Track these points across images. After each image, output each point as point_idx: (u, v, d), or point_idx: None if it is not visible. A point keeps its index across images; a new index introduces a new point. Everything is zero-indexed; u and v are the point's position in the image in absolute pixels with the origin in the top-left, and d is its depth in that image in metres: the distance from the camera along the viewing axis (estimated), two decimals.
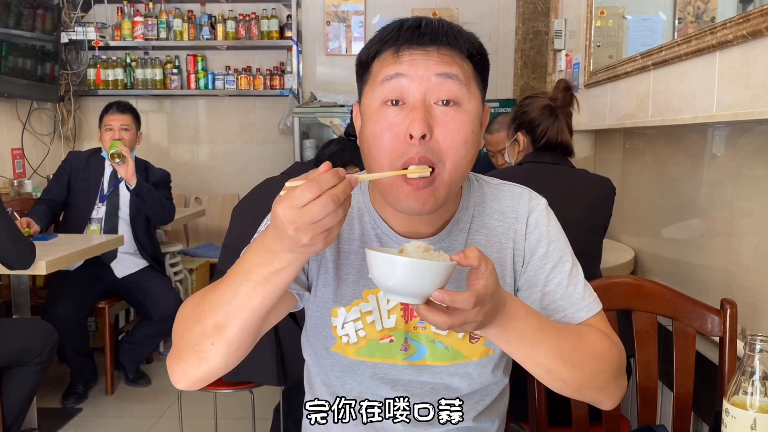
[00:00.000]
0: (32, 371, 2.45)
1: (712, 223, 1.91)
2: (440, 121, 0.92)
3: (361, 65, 1.00)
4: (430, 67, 0.92)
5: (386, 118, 0.93)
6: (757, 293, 1.64)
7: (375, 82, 0.95)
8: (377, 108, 0.94)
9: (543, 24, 4.20)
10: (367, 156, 0.97)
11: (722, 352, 1.33)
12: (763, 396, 0.83)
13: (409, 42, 0.93)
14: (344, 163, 2.38)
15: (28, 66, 3.94)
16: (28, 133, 4.15)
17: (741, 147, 1.75)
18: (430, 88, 0.92)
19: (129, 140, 3.29)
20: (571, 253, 1.08)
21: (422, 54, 0.93)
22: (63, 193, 3.31)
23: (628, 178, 2.62)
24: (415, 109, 0.91)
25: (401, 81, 0.92)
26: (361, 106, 1.00)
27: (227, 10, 4.54)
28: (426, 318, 0.80)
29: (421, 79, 0.92)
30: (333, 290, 1.04)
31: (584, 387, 0.98)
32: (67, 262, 2.70)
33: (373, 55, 0.97)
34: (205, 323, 0.87)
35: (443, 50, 0.93)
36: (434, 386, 1.06)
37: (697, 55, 1.71)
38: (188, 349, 0.89)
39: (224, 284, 0.86)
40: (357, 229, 1.05)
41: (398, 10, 4.60)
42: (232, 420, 2.74)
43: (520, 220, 1.06)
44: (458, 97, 0.93)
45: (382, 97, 0.93)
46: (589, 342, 0.98)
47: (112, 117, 3.31)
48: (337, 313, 1.04)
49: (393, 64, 0.93)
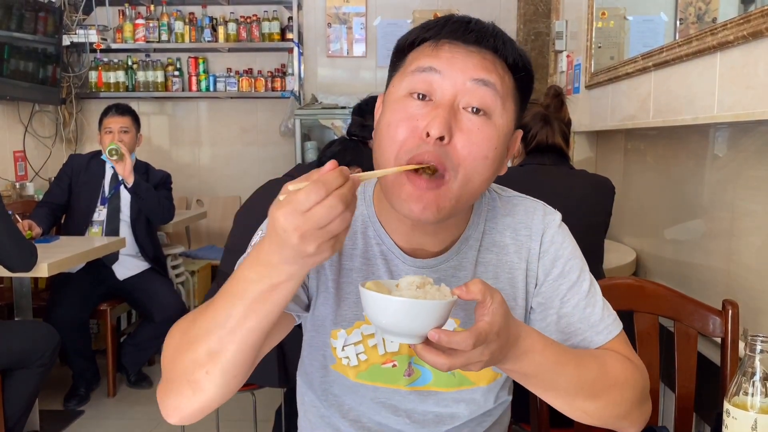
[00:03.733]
0: (34, 373, 2.45)
1: (713, 224, 1.90)
2: (464, 128, 0.84)
3: (397, 52, 0.93)
4: (468, 69, 0.85)
5: (407, 109, 0.86)
6: (758, 294, 1.64)
7: (406, 71, 0.88)
8: (401, 97, 0.87)
9: (544, 25, 4.19)
10: (377, 147, 0.90)
11: (724, 353, 1.33)
12: (764, 397, 0.83)
13: (452, 36, 0.86)
14: (346, 164, 2.37)
15: (30, 68, 3.94)
16: (29, 135, 4.16)
17: (742, 148, 1.75)
18: (462, 91, 0.85)
19: (128, 142, 3.29)
20: (588, 271, 1.01)
21: (463, 53, 0.86)
22: (64, 196, 3.32)
23: (630, 179, 2.62)
24: (439, 107, 0.84)
25: (433, 76, 0.85)
26: (386, 95, 0.92)
27: (228, 12, 4.55)
28: (424, 359, 0.74)
29: (455, 80, 0.85)
30: (333, 310, 0.97)
31: (606, 416, 0.92)
32: (69, 264, 2.70)
33: (410, 43, 0.90)
34: (197, 350, 0.77)
35: (486, 54, 0.86)
36: (438, 415, 1.00)
37: (698, 56, 1.71)
38: (180, 379, 0.80)
39: (216, 305, 0.77)
40: (360, 245, 0.97)
41: (400, 12, 4.60)
42: (234, 422, 2.73)
43: (534, 238, 0.99)
44: (490, 107, 0.86)
45: (409, 88, 0.86)
46: (610, 370, 0.92)
47: (112, 119, 3.30)
48: (337, 335, 0.97)
49: (429, 56, 0.86)
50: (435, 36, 0.87)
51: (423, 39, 0.89)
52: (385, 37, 4.64)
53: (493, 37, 0.88)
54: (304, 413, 1.08)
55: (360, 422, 1.01)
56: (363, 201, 0.99)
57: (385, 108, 0.90)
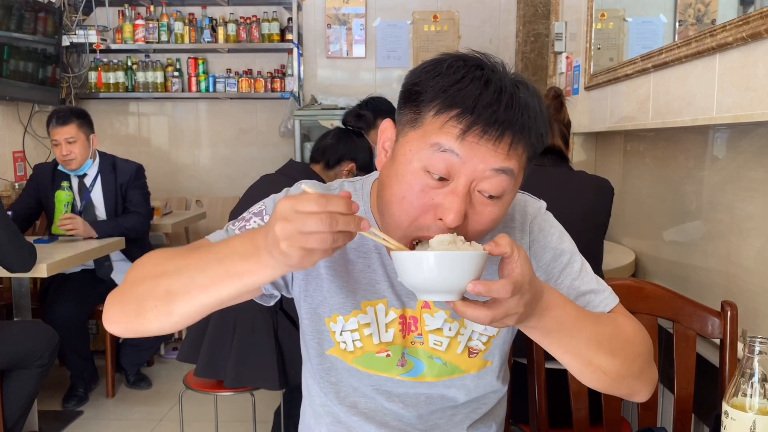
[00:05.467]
0: (33, 374, 2.45)
1: (712, 225, 1.91)
2: (476, 210, 0.86)
3: (411, 97, 0.88)
4: (489, 160, 0.84)
5: (422, 186, 0.85)
6: (757, 295, 1.64)
7: (425, 137, 0.85)
8: (416, 170, 0.85)
9: (544, 26, 4.20)
10: (386, 207, 0.90)
11: (723, 355, 1.33)
12: (762, 398, 0.83)
13: (481, 123, 0.83)
14: (339, 158, 2.36)
15: (30, 69, 3.94)
16: (29, 135, 4.16)
17: (741, 149, 1.75)
18: (480, 178, 0.85)
19: (79, 152, 3.08)
20: (578, 252, 1.05)
21: (488, 145, 0.83)
22: (33, 205, 3.19)
23: (629, 181, 2.62)
24: (456, 195, 0.84)
25: (454, 159, 0.83)
26: (399, 142, 0.90)
27: (228, 13, 4.55)
28: (465, 314, 0.76)
29: (475, 168, 0.84)
30: (328, 297, 1.01)
31: (623, 375, 0.94)
32: (67, 264, 2.70)
33: (430, 101, 0.85)
34: (159, 284, 0.84)
35: (508, 141, 0.84)
36: (429, 396, 1.04)
37: (697, 57, 1.71)
38: (131, 298, 0.87)
39: (196, 255, 0.82)
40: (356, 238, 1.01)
41: (399, 13, 4.60)
42: (233, 423, 2.74)
43: (523, 229, 1.03)
44: (504, 191, 0.87)
45: (427, 165, 0.85)
46: (622, 327, 0.96)
47: (56, 131, 3.06)
48: (336, 320, 1.01)
49: (453, 138, 0.83)
50: (463, 114, 0.83)
51: (446, 107, 0.84)
52: (384, 38, 4.64)
53: (519, 123, 0.84)
54: (309, 403, 1.12)
55: (356, 408, 1.05)
56: (361, 197, 1.02)
57: (398, 167, 0.88)
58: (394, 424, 1.05)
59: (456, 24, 4.59)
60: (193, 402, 2.55)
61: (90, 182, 3.21)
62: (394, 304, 1.01)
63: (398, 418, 1.05)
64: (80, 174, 3.18)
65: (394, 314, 1.01)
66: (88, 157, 3.17)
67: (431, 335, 1.01)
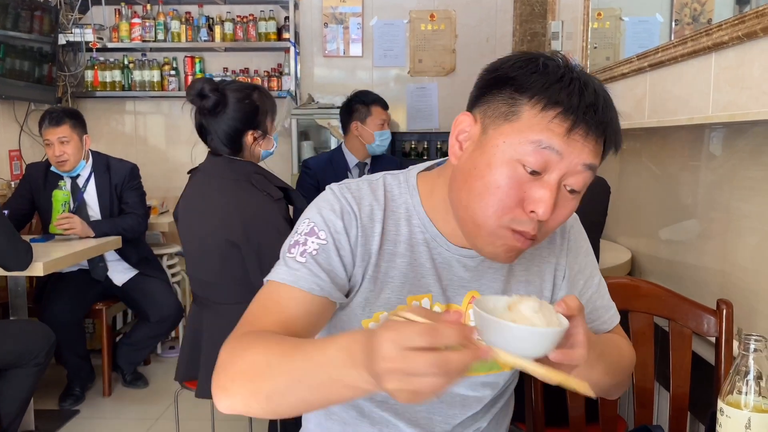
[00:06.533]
0: (29, 373, 2.45)
1: (708, 224, 1.91)
2: (560, 204, 0.89)
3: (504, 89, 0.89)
4: (583, 156, 0.87)
5: (516, 177, 0.87)
6: (753, 294, 1.64)
7: (522, 133, 0.86)
8: (511, 160, 0.87)
9: (540, 26, 4.20)
10: (471, 190, 0.90)
11: (718, 353, 1.33)
12: (758, 395, 0.83)
13: (585, 123, 0.86)
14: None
15: (26, 68, 3.93)
16: (25, 134, 4.15)
17: (737, 148, 1.76)
18: (570, 173, 0.88)
19: (72, 152, 3.07)
20: (597, 266, 1.13)
21: (588, 143, 0.87)
22: (26, 205, 3.18)
23: (625, 180, 2.63)
24: (549, 189, 0.86)
25: (552, 156, 0.86)
26: (489, 133, 0.90)
27: (225, 11, 4.54)
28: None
29: (570, 163, 0.87)
30: (372, 294, 0.99)
31: (610, 391, 1.04)
32: (64, 263, 2.70)
33: (531, 97, 0.87)
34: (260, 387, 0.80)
35: (601, 141, 0.89)
36: (465, 398, 1.07)
37: (692, 56, 1.71)
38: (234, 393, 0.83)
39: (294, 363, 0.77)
40: (404, 231, 1.00)
41: (396, 12, 4.60)
42: (229, 421, 2.73)
43: (563, 234, 1.09)
44: (585, 186, 0.90)
45: (524, 159, 0.86)
46: (623, 351, 1.06)
47: (49, 131, 3.04)
48: (379, 318, 0.99)
49: (557, 135, 0.85)
50: (567, 113, 0.85)
51: (549, 104, 0.86)
52: (381, 37, 4.64)
53: (610, 124, 0.89)
54: None
55: (387, 403, 1.05)
56: (407, 189, 1.02)
57: (487, 154, 0.89)
58: (423, 423, 1.06)
59: (453, 23, 4.59)
60: (189, 401, 2.55)
61: (83, 183, 3.20)
62: (439, 299, 1.01)
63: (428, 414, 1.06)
64: (73, 175, 3.17)
65: (439, 309, 1.01)
66: (81, 158, 3.15)
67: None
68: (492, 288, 1.03)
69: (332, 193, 1.01)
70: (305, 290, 0.93)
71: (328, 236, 0.96)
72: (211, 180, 2.08)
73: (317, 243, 0.96)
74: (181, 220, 2.14)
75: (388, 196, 1.01)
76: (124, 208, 3.24)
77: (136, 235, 3.25)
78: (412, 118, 4.67)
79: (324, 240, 0.96)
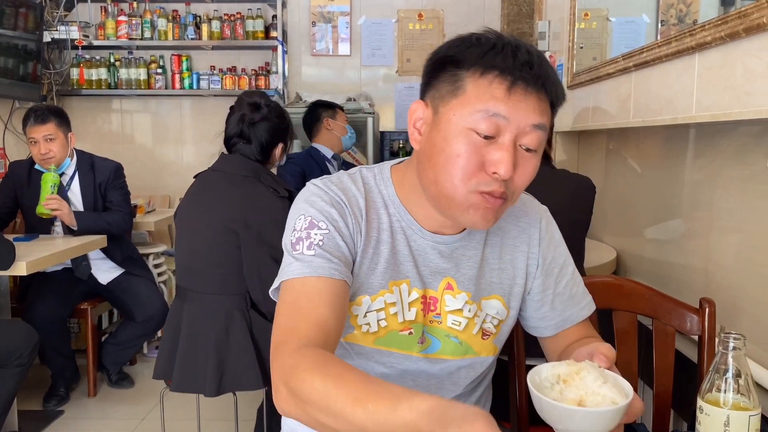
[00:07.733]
0: (12, 373, 2.42)
1: (692, 223, 1.92)
2: (520, 164, 0.94)
3: (447, 68, 0.95)
4: (530, 116, 0.92)
5: (472, 143, 0.92)
6: (736, 293, 1.66)
7: (468, 104, 0.92)
8: (464, 129, 0.92)
9: (528, 26, 4.21)
10: (435, 166, 0.95)
11: (701, 351, 1.34)
12: (736, 393, 0.84)
13: (522, 80, 0.91)
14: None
15: (10, 65, 3.89)
16: (9, 132, 4.11)
17: (721, 148, 1.77)
18: (522, 134, 0.93)
19: (58, 150, 3.05)
20: (570, 254, 1.17)
21: (529, 100, 0.92)
22: (10, 204, 3.15)
23: (611, 179, 2.64)
24: (506, 149, 0.91)
25: (500, 121, 0.91)
26: (440, 112, 0.95)
27: (212, 9, 4.52)
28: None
29: (519, 125, 0.92)
30: (364, 278, 1.04)
31: None
32: (47, 262, 2.67)
33: (469, 68, 0.92)
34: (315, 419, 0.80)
35: (542, 97, 0.93)
36: (441, 381, 1.09)
37: (677, 56, 1.72)
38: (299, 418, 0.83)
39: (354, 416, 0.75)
40: (385, 219, 1.05)
41: (384, 11, 4.61)
42: (216, 421, 2.72)
43: (533, 225, 1.13)
44: (540, 144, 0.95)
45: (475, 127, 0.91)
46: None
47: (34, 129, 3.01)
48: (361, 302, 1.04)
49: (499, 100, 0.90)
50: (504, 74, 0.90)
51: (487, 71, 0.91)
52: (369, 36, 4.64)
53: (548, 78, 0.93)
54: None
55: None
56: (382, 180, 1.08)
57: (444, 131, 0.94)
58: None
59: (441, 22, 4.59)
60: (175, 401, 2.54)
61: (67, 181, 3.17)
62: (417, 284, 1.06)
63: None
64: (58, 173, 3.14)
65: (417, 294, 1.05)
66: (67, 156, 3.13)
67: (450, 315, 1.07)
68: (466, 275, 1.07)
69: (317, 187, 1.04)
70: (327, 277, 0.95)
71: (328, 225, 1.00)
72: (221, 174, 2.15)
73: (320, 233, 0.99)
74: (182, 210, 2.16)
75: (366, 187, 1.06)
76: (109, 206, 3.21)
77: (121, 231, 3.22)
78: (400, 117, 4.67)
79: (326, 229, 0.99)
